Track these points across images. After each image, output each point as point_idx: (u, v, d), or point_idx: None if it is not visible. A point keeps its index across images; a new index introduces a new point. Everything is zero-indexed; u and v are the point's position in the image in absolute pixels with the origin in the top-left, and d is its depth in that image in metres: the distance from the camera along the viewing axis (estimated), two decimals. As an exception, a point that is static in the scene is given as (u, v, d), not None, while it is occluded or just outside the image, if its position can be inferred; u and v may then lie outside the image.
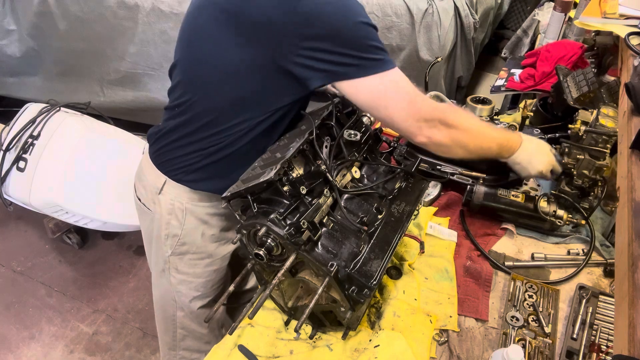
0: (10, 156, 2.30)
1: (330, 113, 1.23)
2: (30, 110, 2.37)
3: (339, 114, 1.25)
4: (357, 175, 1.23)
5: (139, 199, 1.45)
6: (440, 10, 2.72)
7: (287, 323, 1.20)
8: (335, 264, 1.00)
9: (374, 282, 1.04)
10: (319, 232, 1.04)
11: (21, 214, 2.91)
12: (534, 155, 1.31)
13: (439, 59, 1.73)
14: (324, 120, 1.21)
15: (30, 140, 2.28)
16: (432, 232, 1.45)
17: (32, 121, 2.29)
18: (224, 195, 1.09)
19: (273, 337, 1.17)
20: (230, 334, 1.11)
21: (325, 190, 1.10)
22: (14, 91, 3.39)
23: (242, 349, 1.13)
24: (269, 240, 1.02)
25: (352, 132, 1.21)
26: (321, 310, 1.14)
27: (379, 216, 1.18)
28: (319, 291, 0.99)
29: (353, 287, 1.03)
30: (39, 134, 2.28)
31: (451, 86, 3.08)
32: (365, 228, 1.12)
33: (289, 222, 1.01)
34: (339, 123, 1.23)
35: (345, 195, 1.17)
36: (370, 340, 1.14)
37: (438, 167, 1.62)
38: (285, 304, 1.18)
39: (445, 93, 2.61)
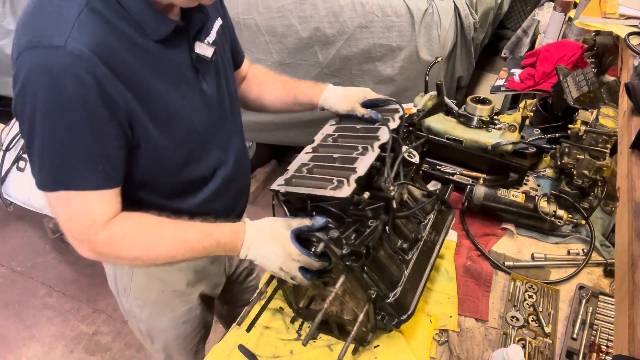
0: (10, 156, 2.29)
1: (399, 126, 1.12)
2: (30, 110, 2.37)
3: (405, 128, 1.14)
4: (405, 198, 1.15)
5: None
6: (440, 10, 2.72)
7: (292, 321, 1.19)
8: (375, 290, 0.97)
9: (405, 318, 1.02)
10: (370, 257, 0.99)
11: (21, 214, 2.91)
12: (265, 250, 1.00)
13: (439, 59, 1.73)
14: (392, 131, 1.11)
15: (30, 140, 2.28)
16: (432, 232, 1.45)
17: (32, 121, 2.29)
18: (272, 187, 1.03)
19: (273, 337, 1.16)
20: (248, 331, 1.09)
21: (382, 212, 1.03)
22: (14, 91, 3.38)
23: (242, 349, 1.13)
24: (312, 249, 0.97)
25: (413, 152, 1.13)
26: (335, 320, 1.12)
27: (416, 243, 1.14)
28: (360, 318, 0.98)
29: (383, 314, 1.02)
30: (39, 134, 2.27)
31: (451, 86, 3.08)
32: (406, 256, 1.10)
33: (347, 241, 0.95)
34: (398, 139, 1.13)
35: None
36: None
37: (438, 167, 1.62)
38: (296, 302, 1.16)
39: (445, 93, 2.60)
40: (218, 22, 1.12)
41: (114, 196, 0.94)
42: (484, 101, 1.57)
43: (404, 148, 1.12)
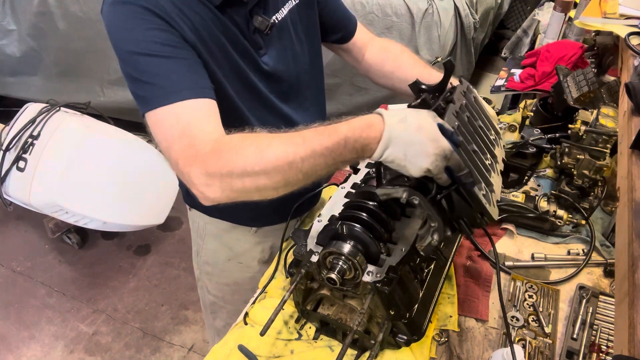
0: (10, 156, 2.30)
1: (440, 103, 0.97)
2: (30, 110, 2.37)
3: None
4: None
5: None
6: (440, 10, 2.72)
7: (297, 320, 1.19)
8: (395, 309, 0.98)
9: (416, 338, 1.04)
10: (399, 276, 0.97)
11: (21, 214, 2.91)
12: (411, 144, 0.80)
13: (439, 59, 1.73)
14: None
15: (30, 140, 2.28)
16: (432, 232, 1.45)
17: (32, 121, 2.29)
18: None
19: (273, 337, 1.16)
20: (262, 334, 1.04)
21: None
22: (14, 91, 3.39)
23: (242, 349, 1.13)
24: (340, 263, 0.94)
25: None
26: (343, 329, 1.12)
27: (432, 262, 1.14)
28: (379, 338, 0.99)
29: (394, 330, 1.03)
30: (39, 134, 2.28)
31: (451, 86, 3.08)
32: (422, 275, 1.10)
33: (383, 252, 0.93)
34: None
35: None
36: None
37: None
38: (304, 302, 1.15)
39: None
40: (292, 2, 1.15)
41: (213, 108, 0.92)
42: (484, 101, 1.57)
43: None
